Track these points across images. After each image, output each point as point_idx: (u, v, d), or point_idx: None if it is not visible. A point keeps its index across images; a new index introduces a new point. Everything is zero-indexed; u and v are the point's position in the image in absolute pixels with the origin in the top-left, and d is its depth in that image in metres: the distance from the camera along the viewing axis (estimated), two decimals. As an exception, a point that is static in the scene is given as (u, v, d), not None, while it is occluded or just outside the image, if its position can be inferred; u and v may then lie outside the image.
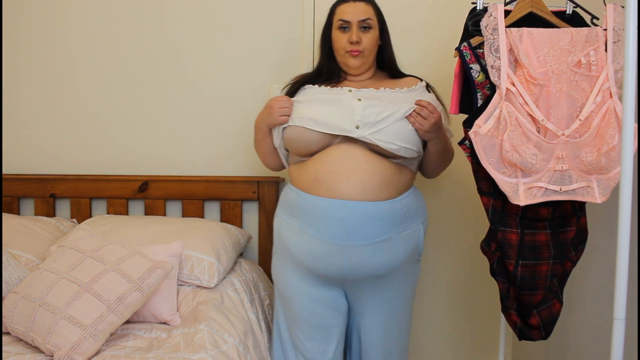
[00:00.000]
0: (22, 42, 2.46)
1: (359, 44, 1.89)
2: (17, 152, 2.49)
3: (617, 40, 1.60)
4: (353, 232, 1.78)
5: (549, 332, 1.77)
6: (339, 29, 1.92)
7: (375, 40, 1.95)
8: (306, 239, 1.83)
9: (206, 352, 1.62)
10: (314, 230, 1.81)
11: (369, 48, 1.93)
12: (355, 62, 1.92)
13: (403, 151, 1.81)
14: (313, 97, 1.89)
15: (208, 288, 2.03)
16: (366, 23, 1.90)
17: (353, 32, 1.89)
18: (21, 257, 2.05)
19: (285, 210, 1.91)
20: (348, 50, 1.90)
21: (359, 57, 1.91)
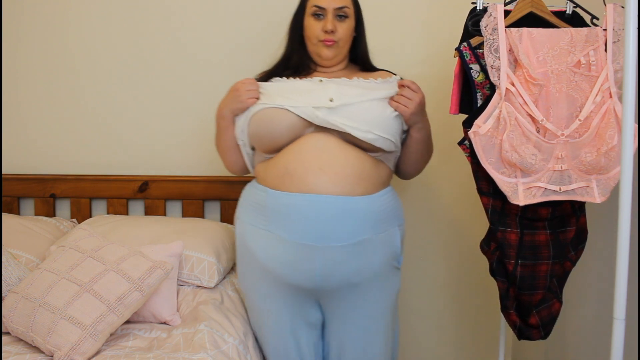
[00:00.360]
0: (21, 42, 2.46)
1: (333, 33, 1.78)
2: (17, 152, 2.49)
3: (617, 40, 1.60)
4: (327, 232, 1.64)
5: (548, 331, 1.78)
6: (312, 16, 1.80)
7: (351, 31, 1.84)
8: (275, 243, 1.68)
9: (206, 352, 1.62)
10: (284, 231, 1.66)
11: (344, 39, 1.82)
12: (328, 53, 1.81)
13: (381, 141, 1.69)
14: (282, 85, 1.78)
15: (208, 288, 2.03)
16: (342, 12, 1.79)
17: (328, 21, 1.77)
18: (21, 257, 2.05)
19: (249, 211, 1.76)
20: (321, 40, 1.79)
21: (333, 47, 1.80)
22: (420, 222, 2.48)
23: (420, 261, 2.54)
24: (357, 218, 1.67)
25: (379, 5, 2.40)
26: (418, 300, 2.57)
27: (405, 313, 2.57)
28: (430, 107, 2.42)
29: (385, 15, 2.41)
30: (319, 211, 1.63)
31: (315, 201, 1.63)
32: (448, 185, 2.49)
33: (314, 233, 1.64)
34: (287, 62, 1.86)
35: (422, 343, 2.60)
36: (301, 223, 1.64)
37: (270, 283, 1.74)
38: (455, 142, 1.82)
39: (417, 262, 2.53)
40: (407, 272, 2.53)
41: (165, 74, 2.46)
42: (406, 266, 2.52)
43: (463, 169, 2.31)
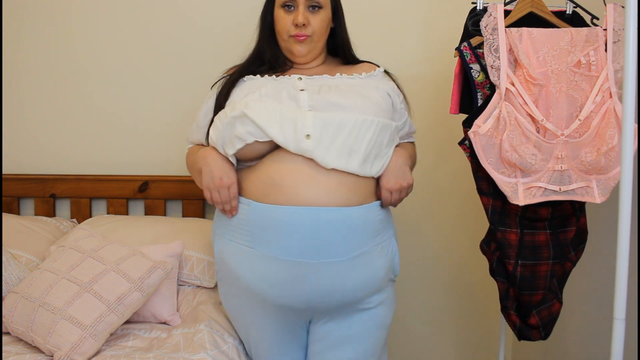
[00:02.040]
0: (22, 42, 2.46)
1: (305, 27, 1.59)
2: (18, 152, 2.49)
3: (617, 40, 1.60)
4: (324, 246, 1.46)
5: (548, 332, 1.78)
6: (282, 8, 1.60)
7: (327, 23, 1.64)
8: (261, 262, 1.49)
9: (206, 352, 1.62)
10: (272, 249, 1.47)
11: (319, 32, 1.62)
12: (301, 49, 1.62)
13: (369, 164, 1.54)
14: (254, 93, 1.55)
15: (208, 288, 2.03)
16: (314, 2, 1.59)
17: (299, 13, 1.57)
18: (21, 257, 2.05)
19: (229, 227, 1.55)
20: (292, 35, 1.60)
21: (306, 43, 1.61)
22: (420, 222, 2.48)
23: (420, 261, 2.54)
24: (357, 230, 1.49)
25: (379, 5, 2.40)
26: (418, 301, 2.57)
27: (405, 313, 2.57)
28: (430, 107, 2.43)
29: (386, 14, 2.41)
30: (313, 225, 1.44)
31: (309, 214, 1.44)
32: (448, 185, 2.49)
33: (308, 249, 1.45)
34: (260, 58, 1.68)
35: (422, 343, 2.60)
36: (293, 239, 1.45)
37: (258, 305, 1.57)
38: (455, 142, 1.82)
39: (417, 262, 2.53)
40: (407, 272, 2.53)
41: (165, 74, 2.46)
42: (406, 266, 2.52)
43: (463, 169, 2.31)
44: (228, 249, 1.56)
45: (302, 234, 1.45)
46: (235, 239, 1.53)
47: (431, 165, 2.48)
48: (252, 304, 1.58)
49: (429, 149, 2.46)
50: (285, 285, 1.49)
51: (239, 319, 1.70)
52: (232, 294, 1.63)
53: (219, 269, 1.66)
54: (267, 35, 1.67)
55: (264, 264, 1.49)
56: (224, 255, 1.59)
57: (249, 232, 1.50)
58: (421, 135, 2.43)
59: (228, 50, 2.43)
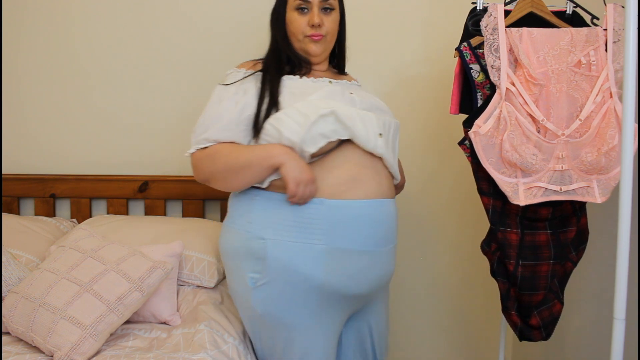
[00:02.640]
0: (22, 42, 2.46)
1: (320, 27, 1.66)
2: (18, 152, 2.49)
3: (617, 40, 1.60)
4: (386, 235, 1.59)
5: (549, 332, 1.77)
6: (296, 10, 1.67)
7: (337, 24, 1.72)
8: (335, 256, 1.53)
9: (206, 352, 1.62)
10: (349, 242, 1.53)
11: (332, 32, 1.70)
12: (316, 49, 1.68)
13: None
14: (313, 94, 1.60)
15: (208, 288, 2.03)
16: (328, 4, 1.67)
17: (314, 14, 1.64)
18: (21, 257, 2.05)
19: (292, 230, 1.53)
20: (308, 35, 1.67)
21: (321, 42, 1.68)
22: (421, 222, 2.48)
23: (420, 261, 2.54)
24: (396, 219, 1.66)
25: (379, 5, 2.40)
26: (418, 301, 2.57)
27: (406, 313, 2.57)
28: (430, 107, 2.43)
29: (386, 15, 2.41)
30: (382, 215, 1.58)
31: (379, 206, 1.57)
32: (448, 185, 2.49)
33: (378, 238, 1.58)
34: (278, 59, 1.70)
35: (422, 343, 2.60)
36: (368, 230, 1.55)
37: (317, 303, 1.57)
38: (455, 142, 1.82)
39: (417, 262, 2.53)
40: (408, 272, 2.53)
41: (165, 74, 2.46)
42: (406, 266, 2.52)
43: (463, 169, 2.31)
44: (295, 251, 1.53)
45: (374, 224, 1.56)
46: (306, 240, 1.52)
47: (431, 165, 2.48)
48: (311, 302, 1.56)
49: (429, 149, 2.46)
50: (359, 274, 1.56)
51: (281, 321, 1.60)
52: (285, 295, 1.56)
53: (267, 274, 1.55)
54: (282, 37, 1.71)
55: (340, 258, 1.53)
56: (284, 257, 1.53)
57: (323, 229, 1.52)
58: (421, 136, 2.44)
59: (228, 50, 2.45)
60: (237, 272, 1.63)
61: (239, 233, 1.61)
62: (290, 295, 1.56)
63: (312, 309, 1.57)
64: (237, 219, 1.63)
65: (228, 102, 1.61)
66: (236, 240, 1.62)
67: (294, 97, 1.58)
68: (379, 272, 1.61)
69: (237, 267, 1.63)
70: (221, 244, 1.73)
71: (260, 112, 1.56)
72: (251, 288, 1.58)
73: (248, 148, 1.57)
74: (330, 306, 1.59)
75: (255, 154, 1.54)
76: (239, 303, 1.71)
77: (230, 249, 1.65)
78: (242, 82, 1.63)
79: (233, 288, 1.71)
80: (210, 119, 1.60)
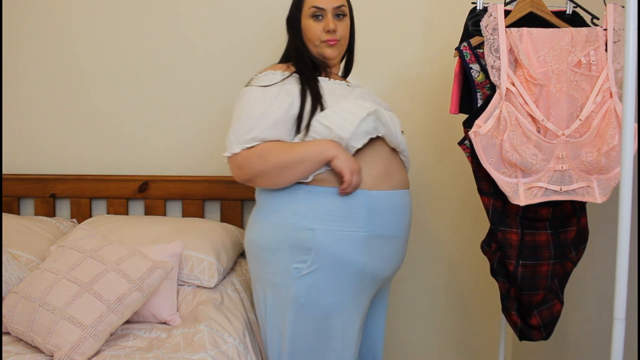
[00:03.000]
0: (22, 42, 2.46)
1: (335, 32, 1.78)
2: (18, 152, 2.49)
3: (617, 40, 1.60)
4: (408, 222, 1.79)
5: (549, 332, 1.77)
6: (311, 17, 1.78)
7: (348, 29, 1.85)
8: (375, 242, 1.68)
9: (206, 352, 1.62)
10: (385, 229, 1.70)
11: (345, 37, 1.83)
12: (332, 53, 1.80)
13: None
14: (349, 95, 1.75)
15: (208, 288, 2.03)
16: (340, 10, 1.79)
17: (329, 20, 1.77)
18: (21, 257, 2.05)
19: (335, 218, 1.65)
20: (324, 40, 1.78)
21: (336, 46, 1.81)
22: (421, 222, 2.48)
23: (420, 261, 2.54)
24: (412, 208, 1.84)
25: (380, 5, 2.40)
26: (418, 300, 2.57)
27: (406, 313, 2.57)
28: (430, 107, 2.43)
29: (386, 15, 2.41)
30: (407, 204, 1.77)
31: (406, 195, 1.77)
32: (448, 185, 2.49)
33: (404, 225, 1.76)
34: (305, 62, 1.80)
35: (422, 343, 2.60)
36: (396, 217, 1.73)
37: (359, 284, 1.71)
38: (455, 142, 1.82)
39: (417, 262, 2.53)
40: (407, 272, 2.53)
41: (165, 74, 2.46)
42: (406, 266, 2.52)
43: (463, 169, 2.31)
44: (340, 239, 1.65)
45: (401, 212, 1.74)
46: (350, 228, 1.65)
47: (431, 165, 2.48)
48: (352, 286, 1.69)
49: (429, 149, 2.46)
50: (392, 257, 1.74)
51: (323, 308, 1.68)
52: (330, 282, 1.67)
53: (314, 262, 1.65)
54: (301, 42, 1.82)
55: (377, 243, 1.68)
56: (331, 245, 1.65)
57: (365, 218, 1.66)
58: (421, 135, 2.44)
59: (227, 50, 2.45)
60: (277, 264, 1.69)
61: (284, 225, 1.67)
62: (334, 281, 1.67)
63: (352, 293, 1.70)
64: (279, 212, 1.70)
65: (273, 102, 1.67)
66: (279, 233, 1.68)
67: (332, 97, 1.71)
68: (401, 256, 1.79)
69: (277, 259, 1.69)
70: (255, 238, 1.75)
71: (305, 111, 1.66)
72: (295, 278, 1.66)
73: (297, 145, 1.66)
74: (365, 289, 1.73)
75: (308, 149, 1.64)
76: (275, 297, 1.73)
77: (270, 241, 1.70)
78: (283, 82, 1.70)
79: (268, 281, 1.73)
80: (255, 119, 1.66)
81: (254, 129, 1.65)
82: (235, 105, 1.73)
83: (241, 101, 1.71)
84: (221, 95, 2.47)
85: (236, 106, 1.72)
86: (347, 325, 1.72)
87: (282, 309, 1.72)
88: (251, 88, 1.72)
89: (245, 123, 1.66)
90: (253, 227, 1.78)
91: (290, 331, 1.71)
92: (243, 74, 2.43)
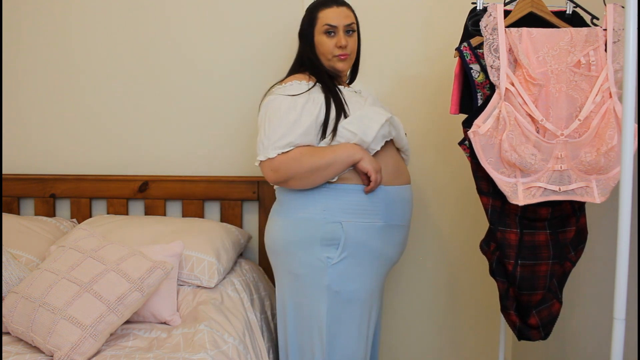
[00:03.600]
0: (22, 42, 2.46)
1: (346, 47, 1.93)
2: (17, 152, 2.50)
3: (617, 40, 1.60)
4: (411, 213, 1.98)
5: (548, 332, 1.77)
6: (324, 34, 1.93)
7: (357, 43, 2.00)
8: (389, 231, 1.88)
9: (206, 352, 1.62)
10: (397, 219, 1.90)
11: (354, 50, 1.99)
12: (343, 66, 1.96)
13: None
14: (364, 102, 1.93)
15: (208, 288, 2.03)
16: (350, 27, 1.94)
17: (341, 37, 1.91)
18: (21, 257, 2.05)
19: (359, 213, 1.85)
20: (336, 55, 1.93)
21: (347, 60, 1.96)
22: (421, 221, 2.48)
23: (420, 261, 2.54)
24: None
25: (380, 6, 2.40)
26: (418, 300, 2.57)
27: (405, 313, 2.57)
28: (430, 107, 2.43)
29: (386, 15, 2.41)
30: (410, 197, 1.97)
31: (409, 189, 1.97)
32: (448, 185, 2.49)
33: (409, 215, 1.96)
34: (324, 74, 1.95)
35: (421, 343, 2.60)
36: (405, 208, 1.94)
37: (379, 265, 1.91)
38: (455, 142, 1.82)
39: (417, 262, 2.53)
40: (408, 272, 2.53)
41: (165, 74, 2.46)
42: (406, 266, 2.52)
43: (463, 169, 2.31)
44: (362, 229, 1.84)
45: (407, 204, 1.95)
46: (370, 219, 1.85)
47: (431, 165, 2.48)
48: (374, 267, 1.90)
49: (429, 149, 2.46)
50: (401, 243, 1.96)
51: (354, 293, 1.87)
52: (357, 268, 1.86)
53: (343, 251, 1.84)
54: (314, 56, 1.96)
55: (392, 232, 1.89)
56: (356, 235, 1.84)
57: (382, 210, 1.86)
58: (421, 135, 2.44)
59: (227, 50, 2.45)
60: (306, 256, 1.85)
61: (315, 220, 1.84)
62: (361, 267, 1.86)
63: (374, 276, 1.91)
64: (309, 208, 1.86)
65: (303, 110, 1.83)
66: (311, 227, 1.84)
67: (351, 104, 1.88)
68: (406, 241, 2.00)
69: (307, 252, 1.84)
70: (282, 235, 1.89)
71: (330, 118, 1.83)
72: (326, 267, 1.83)
73: (327, 149, 1.83)
74: (382, 271, 1.94)
75: (337, 153, 1.81)
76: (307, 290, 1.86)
77: (301, 236, 1.85)
78: (309, 92, 1.86)
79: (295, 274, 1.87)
80: (288, 126, 1.81)
81: (287, 134, 1.80)
82: (262, 112, 1.87)
83: (270, 109, 1.84)
84: (221, 95, 2.47)
85: (265, 113, 1.85)
86: (372, 309, 1.93)
87: (317, 299, 1.85)
88: (279, 97, 1.85)
89: (278, 129, 1.80)
90: (276, 223, 1.92)
91: (327, 320, 1.85)
92: (243, 74, 2.45)
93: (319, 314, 1.86)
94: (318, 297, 1.85)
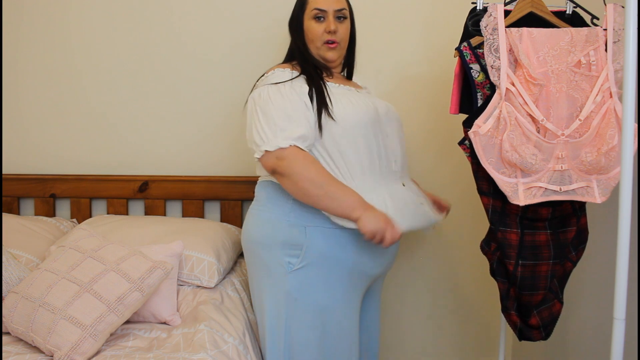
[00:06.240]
0: (22, 42, 2.46)
1: (335, 33, 1.83)
2: (17, 152, 2.49)
3: (617, 40, 1.60)
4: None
5: (549, 332, 1.77)
6: (313, 19, 1.83)
7: (349, 32, 1.89)
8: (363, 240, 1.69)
9: (206, 352, 1.62)
10: None
11: (345, 39, 1.88)
12: (333, 55, 1.85)
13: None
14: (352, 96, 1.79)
15: (208, 288, 2.03)
16: (341, 13, 1.84)
17: (330, 22, 1.82)
18: (21, 257, 2.05)
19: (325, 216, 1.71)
20: (325, 41, 1.83)
21: (336, 49, 1.85)
22: (420, 222, 2.48)
23: (420, 260, 2.54)
24: None
25: (380, 5, 2.40)
26: (418, 300, 2.57)
27: (405, 312, 2.57)
28: (430, 107, 2.43)
29: (386, 15, 2.41)
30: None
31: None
32: (448, 185, 2.49)
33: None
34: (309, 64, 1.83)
35: (422, 342, 2.60)
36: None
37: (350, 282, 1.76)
38: (455, 142, 1.82)
39: (417, 262, 2.53)
40: (407, 272, 2.53)
41: (165, 74, 2.46)
42: (406, 266, 2.52)
43: (463, 169, 2.31)
44: (331, 236, 1.71)
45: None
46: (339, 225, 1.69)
47: (431, 165, 2.48)
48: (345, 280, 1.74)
49: (429, 149, 2.46)
50: (381, 256, 1.78)
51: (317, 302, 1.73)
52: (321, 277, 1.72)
53: (304, 258, 1.71)
54: (303, 44, 1.86)
55: (365, 242, 1.67)
56: (321, 242, 1.71)
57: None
58: (421, 135, 2.44)
59: (227, 51, 2.45)
60: (272, 259, 1.75)
61: (279, 222, 1.74)
62: (325, 277, 1.72)
63: (343, 289, 1.75)
64: (276, 209, 1.76)
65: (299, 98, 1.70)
66: (273, 229, 1.74)
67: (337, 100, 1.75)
68: (390, 256, 1.83)
69: (273, 255, 1.74)
70: (252, 234, 1.81)
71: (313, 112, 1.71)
72: (287, 272, 1.72)
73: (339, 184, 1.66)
74: (356, 286, 1.78)
75: (344, 196, 1.63)
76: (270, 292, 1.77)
77: (266, 237, 1.76)
78: (294, 81, 1.74)
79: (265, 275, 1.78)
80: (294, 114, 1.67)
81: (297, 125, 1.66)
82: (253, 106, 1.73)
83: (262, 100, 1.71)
84: (221, 95, 2.47)
85: (258, 106, 1.71)
86: (343, 320, 1.76)
87: (278, 304, 1.76)
88: (268, 86, 1.72)
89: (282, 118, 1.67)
90: (248, 221, 1.85)
91: (285, 326, 1.76)
92: (243, 74, 2.45)
93: (279, 317, 1.76)
94: (279, 303, 1.75)
